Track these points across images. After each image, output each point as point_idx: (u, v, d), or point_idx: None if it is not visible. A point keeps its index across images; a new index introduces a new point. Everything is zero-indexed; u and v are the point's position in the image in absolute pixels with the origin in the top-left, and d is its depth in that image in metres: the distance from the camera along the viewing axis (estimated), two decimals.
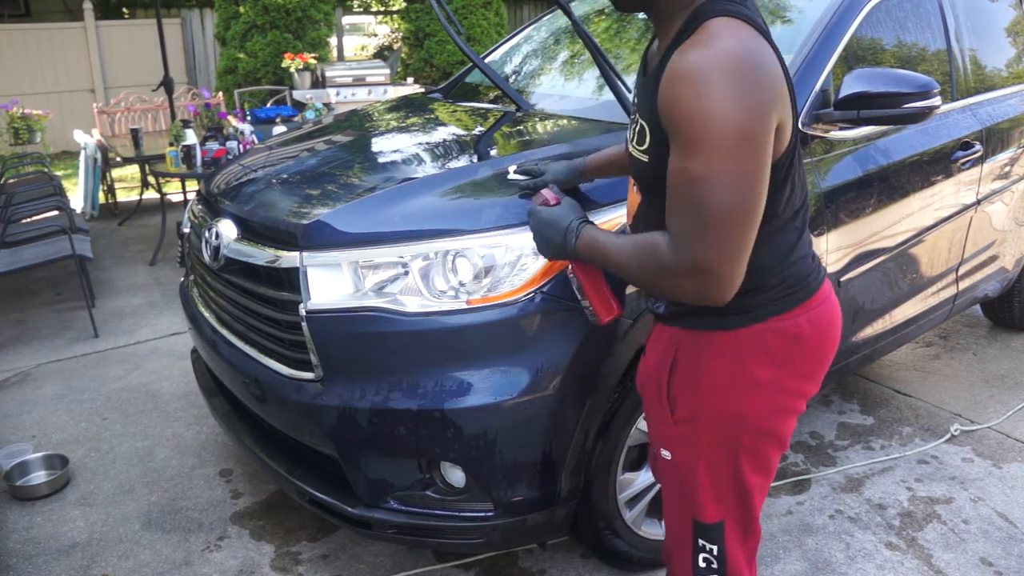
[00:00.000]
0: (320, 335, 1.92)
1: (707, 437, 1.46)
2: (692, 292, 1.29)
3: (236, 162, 2.75)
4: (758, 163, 1.20)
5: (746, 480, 1.49)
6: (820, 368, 1.50)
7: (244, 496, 2.70)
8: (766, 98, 1.20)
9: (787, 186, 1.35)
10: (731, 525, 1.52)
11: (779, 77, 1.25)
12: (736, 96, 1.17)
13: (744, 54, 1.20)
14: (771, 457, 1.51)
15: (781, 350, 1.41)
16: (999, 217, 3.24)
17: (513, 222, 1.89)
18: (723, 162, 1.18)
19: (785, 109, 1.26)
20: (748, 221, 1.23)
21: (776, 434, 1.49)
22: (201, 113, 6.35)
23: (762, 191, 1.23)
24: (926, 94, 2.05)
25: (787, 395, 1.46)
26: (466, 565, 2.36)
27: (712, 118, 1.17)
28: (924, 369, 3.60)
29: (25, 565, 2.39)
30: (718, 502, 1.50)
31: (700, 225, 1.22)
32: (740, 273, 1.27)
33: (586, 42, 2.42)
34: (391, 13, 12.43)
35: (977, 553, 2.39)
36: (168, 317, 4.28)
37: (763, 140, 1.20)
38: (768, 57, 1.23)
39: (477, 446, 1.86)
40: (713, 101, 1.16)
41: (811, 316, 1.42)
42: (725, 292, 1.27)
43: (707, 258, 1.24)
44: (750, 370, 1.41)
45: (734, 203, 1.20)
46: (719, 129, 1.17)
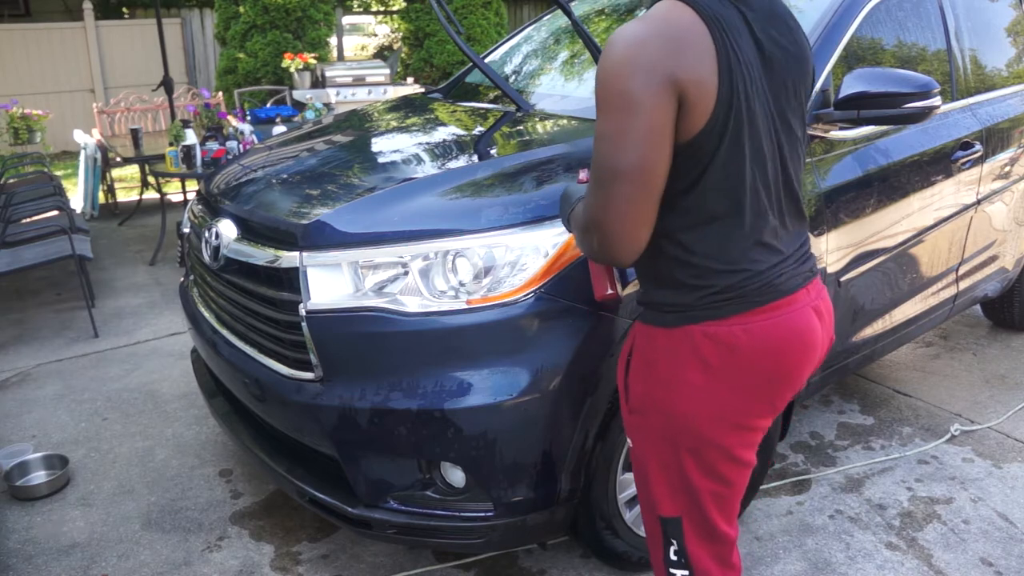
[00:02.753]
0: (320, 335, 1.92)
1: (654, 430, 1.49)
2: (594, 247, 1.38)
3: (236, 162, 2.75)
4: (642, 124, 1.24)
5: (693, 481, 1.49)
6: (769, 388, 1.43)
7: (244, 496, 2.70)
8: (657, 64, 1.24)
9: (703, 175, 1.32)
10: (688, 523, 1.53)
11: (688, 52, 1.25)
12: (623, 60, 1.25)
13: (648, 26, 1.27)
14: (719, 466, 1.47)
15: (715, 357, 1.39)
16: (999, 217, 3.24)
17: (513, 222, 1.89)
18: (608, 119, 1.27)
19: (697, 85, 1.25)
20: (633, 179, 1.27)
21: (720, 446, 1.45)
22: (201, 113, 6.35)
23: (647, 153, 1.26)
24: (926, 94, 2.05)
25: (729, 409, 1.42)
26: (466, 565, 2.36)
27: (603, 79, 1.27)
28: (924, 369, 3.60)
29: (25, 565, 2.39)
30: (671, 498, 1.53)
31: (593, 180, 1.33)
32: (633, 234, 1.31)
33: (586, 42, 2.42)
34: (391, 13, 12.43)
35: (977, 553, 2.39)
36: (168, 317, 4.28)
37: (646, 103, 1.24)
38: (676, 30, 1.26)
39: (477, 446, 1.86)
40: (606, 63, 1.27)
41: (750, 328, 1.37)
42: (619, 250, 1.34)
43: (597, 212, 1.32)
44: (684, 372, 1.41)
45: (616, 159, 1.27)
46: (605, 87, 1.27)
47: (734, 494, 1.54)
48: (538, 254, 1.87)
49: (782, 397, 1.47)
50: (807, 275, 1.46)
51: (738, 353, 1.38)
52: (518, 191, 1.99)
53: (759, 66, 1.34)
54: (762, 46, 1.34)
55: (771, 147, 1.38)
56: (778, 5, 1.41)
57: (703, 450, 1.46)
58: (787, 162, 1.42)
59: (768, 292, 1.38)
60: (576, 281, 1.87)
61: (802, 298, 1.43)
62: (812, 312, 1.44)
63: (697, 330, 1.39)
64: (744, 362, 1.39)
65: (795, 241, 1.46)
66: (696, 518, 1.53)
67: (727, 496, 1.53)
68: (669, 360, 1.43)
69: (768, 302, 1.38)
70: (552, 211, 1.90)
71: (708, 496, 1.50)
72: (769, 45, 1.35)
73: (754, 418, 1.46)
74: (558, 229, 1.88)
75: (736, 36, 1.30)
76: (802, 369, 1.45)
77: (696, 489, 1.49)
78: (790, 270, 1.42)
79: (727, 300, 1.37)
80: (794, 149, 1.44)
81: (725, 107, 1.28)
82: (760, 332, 1.38)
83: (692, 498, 1.51)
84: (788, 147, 1.42)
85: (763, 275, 1.38)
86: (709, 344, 1.38)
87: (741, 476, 1.53)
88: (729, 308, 1.37)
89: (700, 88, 1.26)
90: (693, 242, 1.36)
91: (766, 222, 1.38)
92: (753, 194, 1.36)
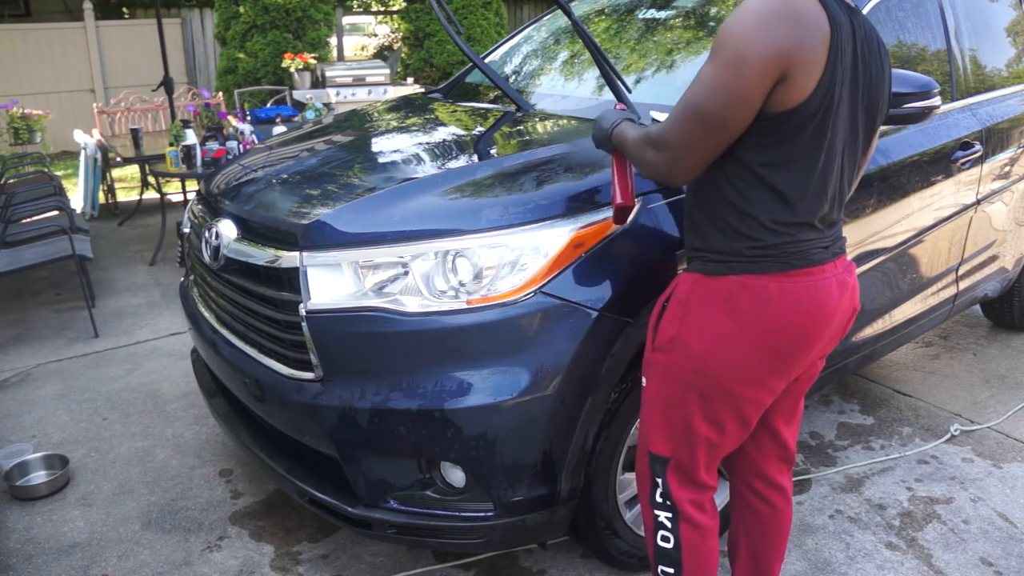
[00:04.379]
0: (320, 335, 1.92)
1: (673, 369, 1.64)
2: (654, 163, 1.56)
3: (236, 162, 2.75)
4: (739, 86, 1.39)
5: (694, 425, 1.64)
6: (788, 346, 1.56)
7: (244, 496, 2.70)
8: (774, 38, 1.37)
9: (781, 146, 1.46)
10: (673, 465, 1.69)
11: (807, 36, 1.38)
12: (751, 25, 1.39)
13: (779, 3, 1.39)
14: (722, 414, 1.63)
15: (748, 308, 1.53)
16: (999, 217, 3.24)
17: (513, 222, 1.89)
18: (714, 68, 1.42)
19: (803, 70, 1.39)
20: (713, 127, 1.44)
21: (732, 394, 1.60)
22: (201, 113, 6.35)
23: (731, 111, 1.41)
24: (926, 94, 2.05)
25: (749, 360, 1.56)
26: (466, 565, 2.36)
27: (726, 34, 1.41)
28: (924, 369, 3.60)
29: (25, 565, 2.39)
30: (667, 438, 1.69)
31: (678, 110, 1.48)
32: (693, 163, 1.50)
33: (586, 42, 2.42)
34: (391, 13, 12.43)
35: (977, 553, 2.39)
36: (168, 317, 4.28)
37: (752, 71, 1.38)
38: (804, 17, 1.39)
39: (477, 446, 1.86)
40: (735, 21, 1.41)
41: (784, 288, 1.53)
42: (676, 173, 1.53)
43: (669, 136, 1.50)
44: (716, 317, 1.56)
45: (706, 102, 1.43)
46: (724, 42, 1.41)
47: (725, 447, 1.70)
48: (538, 254, 1.87)
49: (800, 359, 1.60)
50: (837, 252, 1.61)
51: (769, 307, 1.53)
52: (518, 191, 1.99)
53: (855, 75, 1.50)
54: (859, 59, 1.50)
55: (843, 146, 1.53)
56: (873, 30, 1.57)
57: (712, 395, 1.61)
58: (847, 164, 1.57)
59: (803, 258, 1.54)
60: (577, 281, 1.87)
61: (830, 270, 1.58)
62: (836, 284, 1.58)
63: (736, 281, 1.54)
64: (772, 317, 1.53)
65: (833, 227, 1.62)
66: (684, 460, 1.68)
67: (718, 447, 1.69)
68: (705, 305, 1.58)
69: (802, 267, 1.54)
70: (553, 211, 1.90)
71: (702, 442, 1.66)
72: (862, 59, 1.51)
73: (770, 375, 1.59)
74: (558, 229, 1.88)
75: (846, 40, 1.45)
76: (820, 333, 1.58)
77: (695, 433, 1.65)
78: (823, 246, 1.57)
79: (767, 257, 1.53)
80: (854, 156, 1.60)
81: (820, 97, 1.43)
82: (791, 293, 1.53)
83: (687, 441, 1.66)
84: (853, 152, 1.58)
85: (802, 243, 1.53)
86: (745, 295, 1.54)
87: (738, 433, 1.68)
88: (768, 265, 1.53)
89: (805, 72, 1.40)
90: (755, 199, 1.51)
91: (820, 207, 1.53)
92: (819, 180, 1.51)
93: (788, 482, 1.88)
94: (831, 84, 1.43)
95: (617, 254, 1.93)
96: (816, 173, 1.49)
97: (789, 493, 1.89)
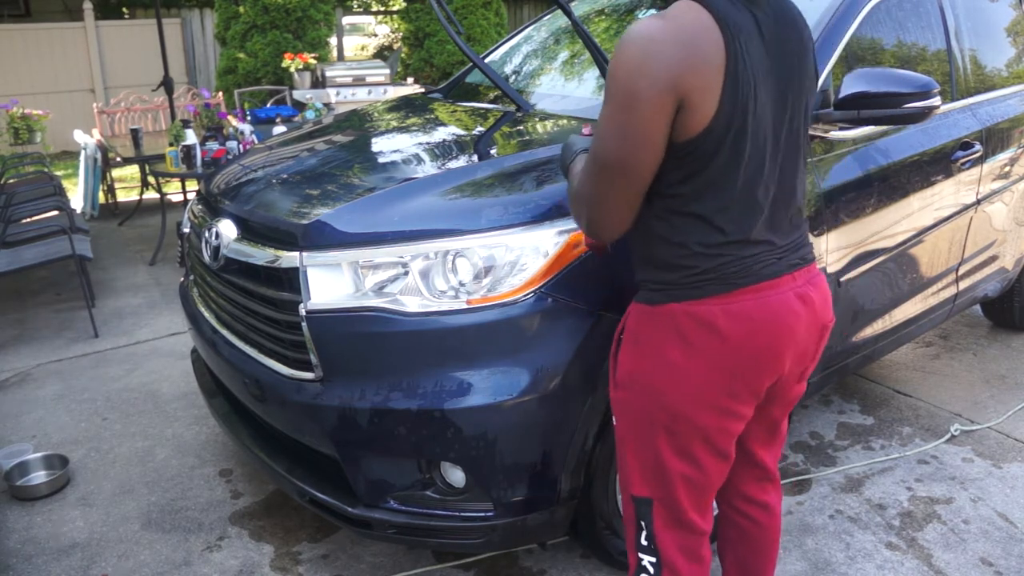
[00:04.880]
0: (320, 335, 1.92)
1: (635, 406, 1.55)
2: (581, 223, 1.49)
3: (236, 162, 2.75)
4: (639, 124, 1.31)
5: (666, 461, 1.53)
6: (746, 369, 1.46)
7: (244, 496, 2.70)
8: (662, 66, 1.28)
9: (697, 174, 1.37)
10: (658, 507, 1.58)
11: (697, 58, 1.29)
12: (634, 60, 1.30)
13: (663, 27, 1.30)
14: (692, 447, 1.52)
15: (694, 336, 1.44)
16: (999, 217, 3.24)
17: (513, 222, 1.89)
18: (610, 112, 1.34)
19: (701, 92, 1.30)
20: (621, 171, 1.35)
21: (696, 425, 1.49)
22: (201, 113, 6.35)
23: (638, 151, 1.33)
24: (926, 94, 2.04)
25: (707, 388, 1.47)
26: (466, 565, 2.36)
27: (612, 74, 1.33)
28: (924, 369, 3.60)
29: (25, 565, 2.39)
30: (643, 479, 1.58)
31: (589, 160, 1.41)
32: (614, 216, 1.41)
33: (586, 42, 2.42)
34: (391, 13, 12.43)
35: (977, 553, 2.39)
36: (168, 317, 4.28)
37: (647, 105, 1.29)
38: (691, 36, 1.29)
39: (477, 446, 1.86)
40: (618, 60, 1.32)
41: (729, 308, 1.43)
42: (602, 232, 1.45)
43: (584, 194, 1.43)
44: (665, 348, 1.48)
45: (610, 150, 1.35)
46: (613, 83, 1.32)
47: (707, 483, 1.58)
48: (538, 254, 1.87)
49: (760, 381, 1.49)
50: (796, 263, 1.50)
51: (716, 333, 1.43)
52: (518, 191, 1.99)
53: (766, 68, 1.38)
54: (770, 49, 1.38)
55: (773, 150, 1.42)
56: (786, 8, 1.44)
57: (678, 428, 1.51)
58: (787, 162, 1.47)
59: (748, 275, 1.43)
60: (576, 281, 1.87)
61: (785, 283, 1.47)
62: (795, 297, 1.47)
63: (679, 309, 1.45)
64: (722, 342, 1.43)
65: (789, 235, 1.51)
66: (667, 502, 1.57)
67: (700, 484, 1.56)
68: (652, 337, 1.50)
69: (748, 284, 1.43)
70: (552, 211, 1.90)
71: (679, 480, 1.55)
72: (776, 48, 1.39)
73: (731, 401, 1.49)
74: (558, 229, 1.88)
75: (747, 41, 1.34)
76: (780, 350, 1.47)
77: (668, 470, 1.54)
78: (774, 259, 1.46)
79: (707, 281, 1.43)
80: (795, 150, 1.48)
81: (727, 115, 1.33)
82: (738, 313, 1.43)
83: (664, 480, 1.55)
84: (791, 147, 1.47)
85: (744, 260, 1.43)
86: (689, 322, 1.44)
87: (716, 465, 1.56)
88: (709, 288, 1.43)
89: (703, 94, 1.30)
90: (680, 227, 1.43)
91: (756, 220, 1.43)
92: (746, 197, 1.41)
93: (772, 498, 1.80)
94: (736, 96, 1.32)
95: (617, 254, 1.93)
96: (737, 190, 1.39)
97: (775, 508, 1.81)
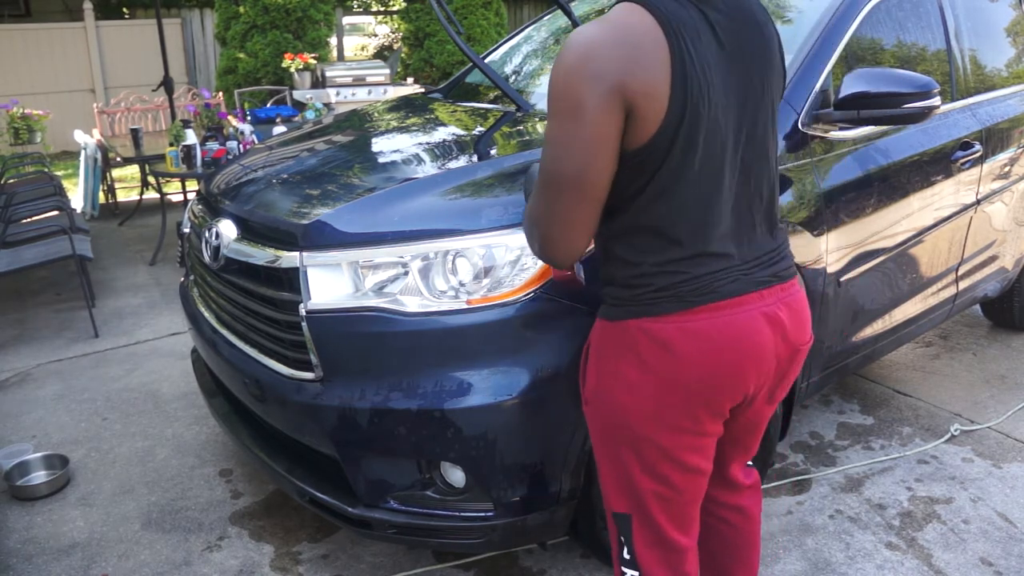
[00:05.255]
0: (320, 335, 1.92)
1: (600, 422, 1.51)
2: (534, 246, 1.40)
3: (236, 162, 2.75)
4: (587, 133, 1.24)
5: (634, 479, 1.48)
6: (704, 390, 1.39)
7: (244, 496, 2.70)
8: (606, 73, 1.22)
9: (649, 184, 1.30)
10: (637, 523, 1.53)
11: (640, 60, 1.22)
12: (574, 66, 1.23)
13: (603, 31, 1.24)
14: (659, 467, 1.45)
15: (649, 354, 1.38)
16: (999, 217, 3.24)
17: (513, 222, 1.89)
18: (555, 124, 1.27)
19: (647, 96, 1.23)
20: (574, 186, 1.28)
21: (657, 446, 1.43)
22: (201, 113, 6.36)
23: (590, 162, 1.25)
24: (926, 94, 2.05)
25: (664, 407, 1.40)
26: (466, 565, 2.36)
27: (553, 83, 1.26)
28: (924, 369, 3.60)
29: (25, 565, 2.39)
30: (619, 495, 1.54)
31: (538, 182, 1.33)
32: (571, 238, 1.33)
33: None
34: (391, 13, 12.44)
35: (977, 553, 2.39)
36: (168, 317, 4.28)
37: (593, 112, 1.22)
38: (633, 37, 1.23)
39: (477, 446, 1.86)
40: (558, 68, 1.25)
41: (685, 327, 1.35)
42: (555, 252, 1.36)
43: (536, 215, 1.35)
44: (622, 365, 1.42)
45: (559, 165, 1.28)
46: (555, 92, 1.26)
47: (683, 500, 1.51)
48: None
49: (720, 402, 1.41)
50: (767, 280, 1.41)
51: (672, 351, 1.36)
52: (518, 191, 1.99)
53: (722, 68, 1.30)
54: (726, 48, 1.31)
55: (732, 155, 1.35)
56: (746, 4, 1.36)
57: (641, 447, 1.45)
58: (753, 166, 1.39)
59: (706, 293, 1.35)
60: (576, 281, 1.87)
61: (751, 301, 1.38)
62: (761, 317, 1.38)
63: (634, 325, 1.39)
64: (677, 361, 1.36)
65: (760, 247, 1.42)
66: (644, 519, 1.52)
67: (674, 500, 1.50)
68: (612, 353, 1.44)
69: (706, 303, 1.35)
70: None
71: (651, 497, 1.49)
72: (732, 45, 1.32)
73: (691, 420, 1.42)
74: None
75: (693, 40, 1.26)
76: (742, 374, 1.39)
77: (638, 488, 1.49)
78: (739, 274, 1.38)
79: (663, 298, 1.36)
80: (764, 150, 1.41)
81: (676, 119, 1.26)
82: (695, 332, 1.35)
83: (635, 498, 1.51)
84: (757, 150, 1.39)
85: (702, 279, 1.35)
86: (644, 340, 1.38)
87: (689, 482, 1.49)
88: (665, 306, 1.36)
89: (650, 99, 1.23)
90: (634, 245, 1.37)
91: (716, 231, 1.35)
92: (701, 204, 1.33)
93: (747, 501, 1.75)
94: (685, 98, 1.25)
95: None
96: (692, 198, 1.31)
97: (750, 511, 1.76)
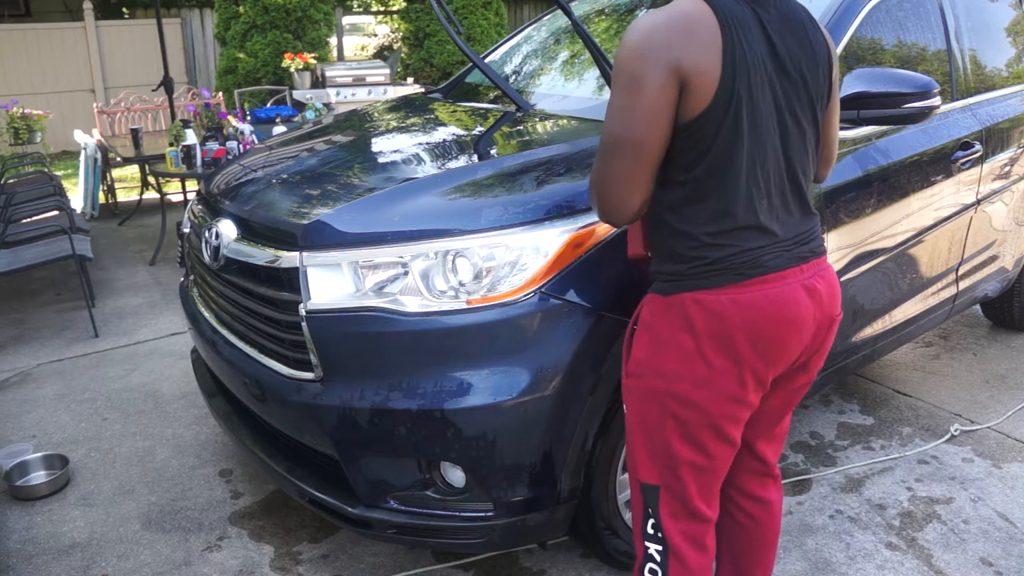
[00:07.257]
0: (320, 335, 1.92)
1: (646, 392, 1.59)
2: (594, 204, 1.54)
3: (236, 162, 2.75)
4: (644, 103, 1.39)
5: (674, 448, 1.57)
6: (753, 358, 1.50)
7: (244, 496, 2.70)
8: (664, 51, 1.37)
9: (702, 157, 1.43)
10: (665, 495, 1.61)
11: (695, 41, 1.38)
12: (637, 44, 1.40)
13: (663, 16, 1.41)
14: (701, 435, 1.56)
15: (703, 323, 1.49)
16: (999, 217, 3.24)
17: (513, 222, 1.89)
18: (618, 95, 1.43)
19: (700, 74, 1.38)
20: (629, 150, 1.42)
21: (705, 412, 1.53)
22: (201, 113, 6.35)
23: (645, 129, 1.40)
24: (926, 94, 2.05)
25: (719, 373, 1.50)
26: (466, 565, 2.36)
27: (618, 60, 1.42)
28: (924, 369, 3.60)
29: (25, 565, 2.39)
30: (652, 466, 1.62)
31: (600, 146, 1.48)
32: (625, 198, 1.46)
33: (586, 42, 2.42)
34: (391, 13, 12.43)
35: (977, 553, 2.39)
36: (168, 317, 4.28)
37: (650, 85, 1.38)
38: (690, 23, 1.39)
39: (477, 446, 1.86)
40: (623, 46, 1.42)
41: (737, 299, 1.47)
42: (612, 211, 1.50)
43: (596, 176, 1.49)
44: (676, 336, 1.52)
45: (616, 130, 1.43)
46: (619, 67, 1.42)
47: (715, 470, 1.61)
48: (538, 254, 1.87)
49: (766, 371, 1.53)
50: (805, 255, 1.54)
51: (724, 321, 1.48)
52: (518, 191, 1.99)
53: (771, 64, 1.45)
54: (775, 46, 1.45)
55: (775, 138, 1.48)
56: (793, 10, 1.51)
57: (686, 414, 1.54)
58: (792, 154, 1.51)
59: (756, 267, 1.48)
60: (576, 281, 1.87)
61: (793, 275, 1.51)
62: (802, 289, 1.51)
63: (688, 298, 1.50)
64: (730, 330, 1.48)
65: (797, 227, 1.54)
66: (674, 489, 1.60)
67: (707, 470, 1.60)
68: (664, 325, 1.54)
69: (756, 276, 1.48)
70: (552, 211, 1.90)
71: (687, 467, 1.58)
72: (781, 46, 1.46)
73: (739, 389, 1.52)
74: (558, 229, 1.88)
75: (746, 33, 1.41)
76: (786, 343, 1.51)
77: (677, 457, 1.58)
78: (782, 251, 1.51)
79: (717, 272, 1.48)
80: (802, 143, 1.53)
81: (726, 96, 1.40)
82: (746, 303, 1.47)
83: (672, 467, 1.59)
84: (795, 140, 1.51)
85: (752, 252, 1.48)
86: (699, 310, 1.49)
87: (723, 452, 1.60)
88: (718, 279, 1.48)
89: (701, 76, 1.38)
90: (690, 217, 1.48)
91: (761, 206, 1.48)
92: (749, 179, 1.46)
93: (772, 495, 1.82)
94: (734, 80, 1.39)
95: (617, 254, 1.93)
96: (742, 171, 1.44)
97: (774, 505, 1.82)
